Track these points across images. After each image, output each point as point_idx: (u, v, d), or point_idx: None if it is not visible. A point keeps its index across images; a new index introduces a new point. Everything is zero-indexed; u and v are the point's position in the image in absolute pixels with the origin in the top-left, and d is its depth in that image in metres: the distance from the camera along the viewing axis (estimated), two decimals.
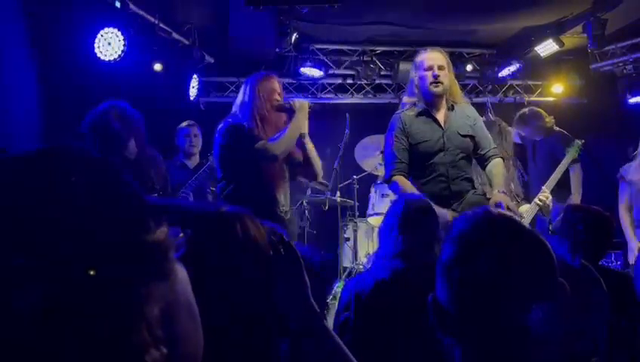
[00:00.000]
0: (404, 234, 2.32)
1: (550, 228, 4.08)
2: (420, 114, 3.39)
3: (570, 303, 1.12)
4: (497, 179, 3.32)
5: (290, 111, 3.25)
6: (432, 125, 3.37)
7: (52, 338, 0.57)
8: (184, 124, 4.96)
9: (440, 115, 3.39)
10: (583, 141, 4.44)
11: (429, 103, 3.39)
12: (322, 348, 1.15)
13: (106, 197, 0.63)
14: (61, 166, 0.64)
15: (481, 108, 5.27)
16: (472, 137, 3.41)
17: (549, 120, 5.03)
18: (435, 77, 3.30)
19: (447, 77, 3.36)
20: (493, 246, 1.03)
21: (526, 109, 5.16)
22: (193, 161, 4.90)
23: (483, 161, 3.45)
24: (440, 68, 3.32)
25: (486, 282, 1.01)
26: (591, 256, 2.49)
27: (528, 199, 4.63)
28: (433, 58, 3.35)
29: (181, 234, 0.86)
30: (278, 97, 3.30)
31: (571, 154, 4.37)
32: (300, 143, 3.30)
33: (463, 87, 6.10)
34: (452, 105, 3.42)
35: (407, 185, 3.27)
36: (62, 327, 0.57)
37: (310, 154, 3.33)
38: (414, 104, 3.41)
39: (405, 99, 3.53)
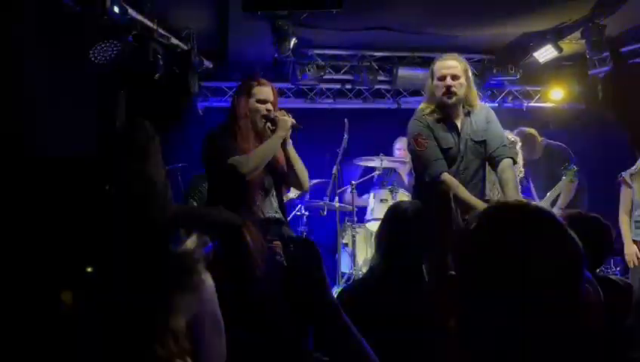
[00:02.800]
0: (389, 238, 2.37)
1: None
2: (439, 120, 3.32)
3: None
4: (509, 186, 3.20)
5: (274, 124, 3.06)
6: (452, 133, 3.32)
7: (78, 346, 0.56)
8: None
9: (458, 122, 3.34)
10: (578, 168, 4.48)
11: (445, 112, 3.33)
12: (339, 338, 1.19)
13: (138, 209, 0.62)
14: (95, 174, 0.63)
15: None
16: (485, 142, 3.35)
17: (540, 140, 5.09)
18: (448, 88, 3.24)
19: (463, 86, 3.29)
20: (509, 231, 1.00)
21: (522, 131, 5.13)
22: None
23: (492, 161, 3.35)
24: (454, 77, 3.25)
25: (505, 265, 0.99)
26: (589, 263, 2.47)
27: None
28: (447, 67, 3.28)
29: (209, 244, 0.86)
30: (261, 106, 3.08)
31: (568, 178, 4.41)
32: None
33: None
34: (468, 111, 3.36)
35: (456, 185, 3.17)
36: (88, 335, 0.56)
37: (294, 164, 3.11)
38: (432, 111, 3.34)
39: (423, 105, 3.45)
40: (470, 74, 3.39)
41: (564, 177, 4.48)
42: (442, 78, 3.27)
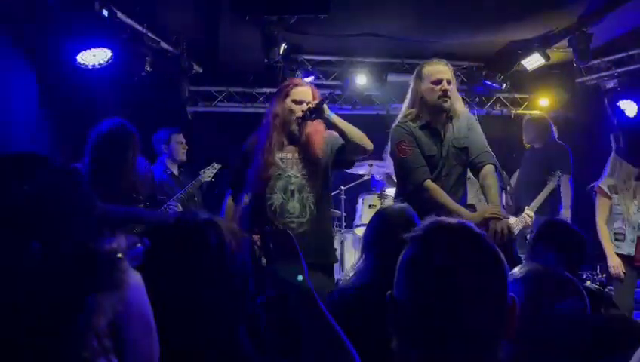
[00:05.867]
0: (378, 244, 2.34)
1: (527, 240, 4.13)
2: (422, 127, 3.31)
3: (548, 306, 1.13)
4: (491, 192, 3.19)
5: (316, 113, 3.17)
6: (435, 139, 3.31)
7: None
8: (174, 131, 4.98)
9: (441, 128, 3.33)
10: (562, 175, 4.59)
11: (433, 116, 3.31)
12: (316, 327, 1.23)
13: (57, 207, 0.62)
14: (14, 173, 0.64)
15: None
16: (467, 148, 3.33)
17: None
18: (445, 92, 3.23)
19: (454, 91, 3.31)
20: (440, 249, 1.05)
21: (538, 114, 5.23)
22: (178, 168, 5.00)
23: (473, 168, 3.35)
24: (448, 82, 3.26)
25: (436, 282, 1.02)
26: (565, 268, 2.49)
27: (520, 207, 4.74)
28: (442, 72, 3.28)
29: (138, 244, 0.87)
30: (296, 106, 3.20)
31: (553, 182, 4.48)
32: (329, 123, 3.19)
33: None
34: (450, 117, 3.34)
35: (439, 193, 3.16)
36: (7, 338, 0.56)
37: (344, 130, 3.22)
38: (416, 116, 3.33)
39: (405, 110, 3.42)
40: (455, 80, 3.41)
41: (552, 180, 4.54)
42: (438, 82, 3.25)
